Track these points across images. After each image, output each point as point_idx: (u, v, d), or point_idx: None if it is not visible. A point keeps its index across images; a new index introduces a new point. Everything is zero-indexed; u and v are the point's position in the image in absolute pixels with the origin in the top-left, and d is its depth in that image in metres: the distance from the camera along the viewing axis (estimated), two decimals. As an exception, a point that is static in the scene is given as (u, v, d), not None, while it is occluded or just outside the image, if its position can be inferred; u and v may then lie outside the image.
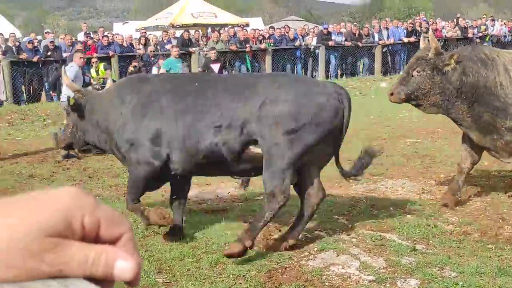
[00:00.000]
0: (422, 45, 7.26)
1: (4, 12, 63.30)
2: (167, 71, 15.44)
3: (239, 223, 6.61)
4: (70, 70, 12.32)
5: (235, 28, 23.48)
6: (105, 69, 18.01)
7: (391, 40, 23.64)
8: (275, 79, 6.08)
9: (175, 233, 6.22)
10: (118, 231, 0.72)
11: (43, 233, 0.68)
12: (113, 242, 0.71)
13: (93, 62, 18.61)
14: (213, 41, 20.58)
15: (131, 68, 18.26)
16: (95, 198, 0.74)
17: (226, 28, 23.61)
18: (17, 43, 19.15)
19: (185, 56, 20.68)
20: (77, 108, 6.52)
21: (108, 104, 6.32)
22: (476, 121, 6.94)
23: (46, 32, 23.22)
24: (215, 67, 15.98)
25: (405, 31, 23.89)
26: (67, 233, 0.69)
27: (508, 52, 7.24)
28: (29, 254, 0.68)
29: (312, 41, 22.66)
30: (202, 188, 8.70)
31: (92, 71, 18.27)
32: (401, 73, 23.66)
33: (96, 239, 0.71)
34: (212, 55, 16.36)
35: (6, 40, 18.97)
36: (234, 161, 5.82)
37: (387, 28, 23.98)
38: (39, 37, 21.91)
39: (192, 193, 8.34)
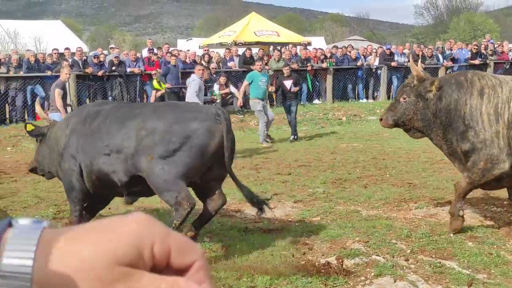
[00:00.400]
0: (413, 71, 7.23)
1: (73, 27, 65.12)
2: (249, 83, 15.70)
3: (295, 244, 6.54)
4: (193, 83, 12.80)
5: (297, 46, 23.54)
6: (159, 83, 18.33)
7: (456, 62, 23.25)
8: (155, 109, 6.48)
9: None
10: (189, 259, 0.71)
11: (114, 262, 0.67)
12: (184, 269, 0.71)
13: (153, 75, 18.99)
14: (274, 59, 20.64)
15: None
16: (165, 226, 0.72)
17: (287, 47, 23.64)
18: (84, 58, 19.62)
19: (246, 74, 20.79)
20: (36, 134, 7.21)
21: (60, 128, 6.87)
22: (449, 147, 6.97)
23: (111, 48, 23.75)
24: (288, 83, 16.01)
25: (469, 53, 23.45)
26: (138, 262, 0.68)
27: (495, 77, 7.04)
28: (100, 284, 0.66)
29: (374, 61, 22.48)
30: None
31: (154, 82, 18.61)
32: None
33: (167, 267, 0.70)
34: (285, 71, 16.44)
35: (73, 54, 19.45)
36: (125, 186, 6.29)
37: (451, 50, 23.60)
38: (106, 52, 22.39)
39: (249, 211, 8.35)
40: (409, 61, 21.73)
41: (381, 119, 7.62)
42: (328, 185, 9.94)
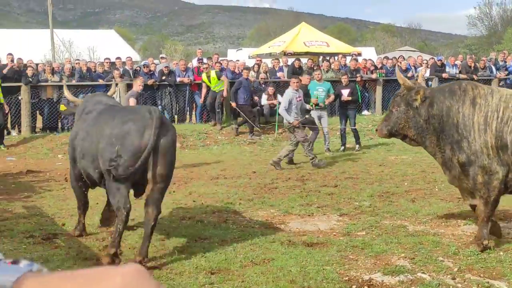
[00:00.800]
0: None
1: (126, 36, 66.10)
2: (308, 91, 15.46)
3: (338, 258, 6.43)
4: (284, 97, 13.92)
5: (347, 57, 23.37)
6: (218, 77, 18.44)
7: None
8: (115, 113, 6.79)
9: None
10: None
11: None
12: None
13: (205, 68, 19.10)
14: (323, 70, 20.53)
15: None
16: (155, 280, 0.67)
17: (336, 57, 23.49)
18: (135, 67, 19.85)
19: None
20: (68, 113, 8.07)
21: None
22: (443, 156, 7.03)
23: (161, 57, 23.94)
24: (345, 92, 16.00)
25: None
26: None
27: (489, 87, 7.08)
28: None
29: (425, 72, 22.13)
30: (304, 219, 8.59)
31: (204, 76, 18.72)
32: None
33: None
34: (344, 80, 16.50)
35: (124, 63, 19.70)
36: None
37: (505, 61, 23.09)
38: (156, 61, 22.60)
39: (294, 224, 8.28)
40: (460, 72, 21.50)
41: (376, 130, 7.96)
42: (375, 199, 9.79)
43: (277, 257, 6.50)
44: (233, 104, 18.26)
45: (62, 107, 7.52)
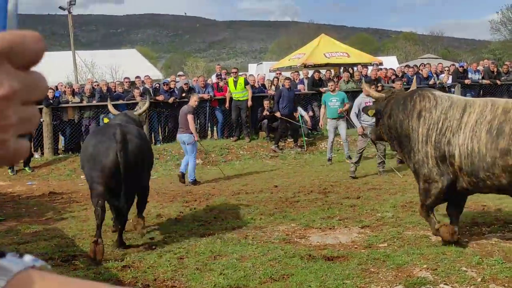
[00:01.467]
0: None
1: (148, 55, 66.59)
2: (324, 105, 16.16)
3: (359, 271, 6.31)
4: (354, 104, 14.42)
5: (368, 67, 23.22)
6: (245, 85, 18.53)
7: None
8: (95, 134, 8.67)
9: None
10: None
11: None
12: None
13: (233, 73, 19.15)
14: (344, 80, 20.40)
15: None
16: None
17: (357, 67, 23.33)
18: (155, 85, 19.91)
19: (315, 96, 20.65)
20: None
21: None
22: (406, 161, 7.67)
23: (179, 75, 23.96)
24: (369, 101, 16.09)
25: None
26: None
27: (437, 97, 7.32)
28: None
29: (448, 79, 21.89)
30: (325, 232, 8.48)
31: (230, 81, 18.74)
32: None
33: None
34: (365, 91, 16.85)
35: (143, 82, 19.78)
36: None
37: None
38: (177, 79, 22.66)
39: (314, 237, 8.17)
40: (483, 78, 21.23)
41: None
42: (397, 209, 9.64)
43: (296, 272, 6.40)
44: (277, 114, 18.22)
45: (106, 120, 9.66)
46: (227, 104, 19.28)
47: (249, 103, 18.73)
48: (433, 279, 5.93)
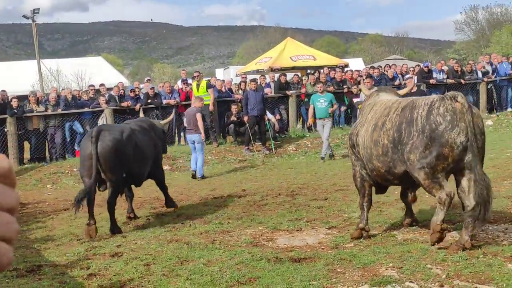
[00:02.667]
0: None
1: (114, 62, 66.19)
2: (313, 105, 17.10)
3: (326, 272, 6.31)
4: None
5: (336, 69, 23.34)
6: (208, 88, 18.50)
7: (497, 76, 22.74)
8: None
9: None
10: None
11: None
12: None
13: (196, 76, 19.10)
14: (310, 83, 20.48)
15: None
16: None
17: (322, 70, 23.43)
18: (120, 92, 19.77)
19: (282, 100, 20.70)
20: None
21: None
22: None
23: (147, 80, 23.80)
24: (357, 100, 16.40)
25: (510, 66, 22.90)
26: None
27: (376, 101, 8.03)
28: None
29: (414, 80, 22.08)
30: (292, 234, 8.48)
31: (194, 85, 18.69)
32: (508, 109, 22.76)
33: None
34: (355, 90, 18.91)
35: (110, 89, 19.64)
36: None
37: (491, 64, 23.09)
38: (142, 86, 22.55)
39: (282, 240, 8.17)
40: (448, 77, 21.47)
41: None
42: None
43: (263, 275, 6.38)
44: (245, 119, 18.19)
45: None
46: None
47: (211, 107, 18.63)
48: (398, 277, 5.95)
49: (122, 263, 7.39)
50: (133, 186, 10.79)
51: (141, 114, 12.47)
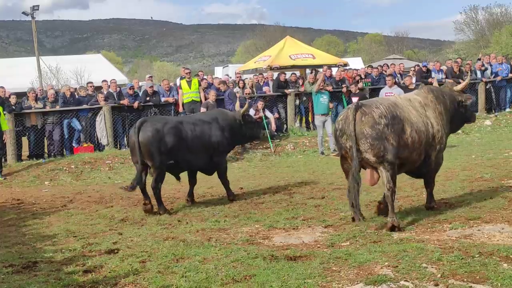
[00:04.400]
0: None
1: (113, 60, 66.18)
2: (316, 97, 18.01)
3: (321, 270, 6.30)
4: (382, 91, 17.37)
5: (332, 68, 23.34)
6: (199, 84, 18.70)
7: (497, 77, 22.75)
8: None
9: None
10: None
11: None
12: None
13: (187, 73, 19.14)
14: (309, 82, 20.47)
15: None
16: None
17: (321, 69, 23.42)
18: (118, 89, 19.75)
19: (281, 98, 20.69)
20: None
21: None
22: None
23: (149, 77, 23.74)
24: (355, 99, 16.39)
25: (509, 67, 22.91)
26: None
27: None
28: None
29: (412, 80, 22.05)
30: (288, 232, 8.48)
31: (183, 82, 18.74)
32: (507, 110, 22.77)
33: None
34: (353, 89, 19.20)
35: (109, 86, 19.61)
36: None
37: (490, 64, 23.09)
38: (142, 83, 22.51)
39: (278, 238, 8.16)
40: (447, 77, 21.45)
41: None
42: (361, 208, 9.65)
43: (258, 273, 6.37)
44: None
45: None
46: (180, 108, 19.16)
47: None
48: (393, 276, 5.94)
49: (118, 260, 7.38)
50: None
51: (237, 107, 13.10)
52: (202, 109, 16.79)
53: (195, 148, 11.08)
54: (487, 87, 22.85)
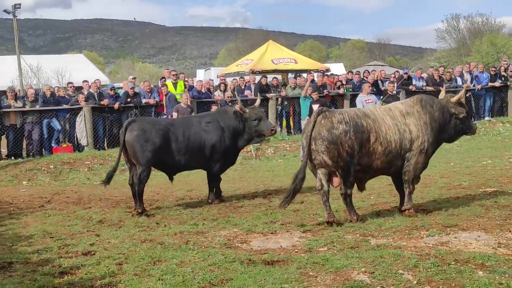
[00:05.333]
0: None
1: (95, 60, 65.85)
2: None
3: (298, 275, 6.31)
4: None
5: (314, 74, 23.39)
6: (185, 86, 18.67)
7: (477, 85, 22.95)
8: None
9: None
10: None
11: None
12: None
13: (173, 75, 19.10)
14: (290, 86, 20.51)
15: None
16: None
17: (303, 74, 23.48)
18: (99, 90, 19.65)
19: (262, 102, 20.67)
20: None
21: None
22: None
23: (132, 78, 23.65)
24: (315, 107, 16.32)
25: (489, 75, 23.14)
26: None
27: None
28: None
29: (394, 87, 22.17)
30: (266, 237, 8.48)
31: (169, 84, 18.69)
32: (486, 118, 22.96)
33: None
34: (314, 96, 17.99)
35: (89, 87, 19.51)
36: None
37: (470, 72, 23.29)
38: (120, 84, 22.43)
39: (256, 242, 8.16)
40: (427, 85, 21.59)
41: None
42: (340, 214, 9.71)
43: (235, 277, 6.36)
44: None
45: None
46: (165, 110, 19.11)
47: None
48: (370, 282, 5.96)
49: (94, 262, 7.33)
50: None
51: (257, 103, 14.18)
52: (174, 114, 16.81)
53: (186, 150, 11.23)
54: (467, 95, 23.00)
